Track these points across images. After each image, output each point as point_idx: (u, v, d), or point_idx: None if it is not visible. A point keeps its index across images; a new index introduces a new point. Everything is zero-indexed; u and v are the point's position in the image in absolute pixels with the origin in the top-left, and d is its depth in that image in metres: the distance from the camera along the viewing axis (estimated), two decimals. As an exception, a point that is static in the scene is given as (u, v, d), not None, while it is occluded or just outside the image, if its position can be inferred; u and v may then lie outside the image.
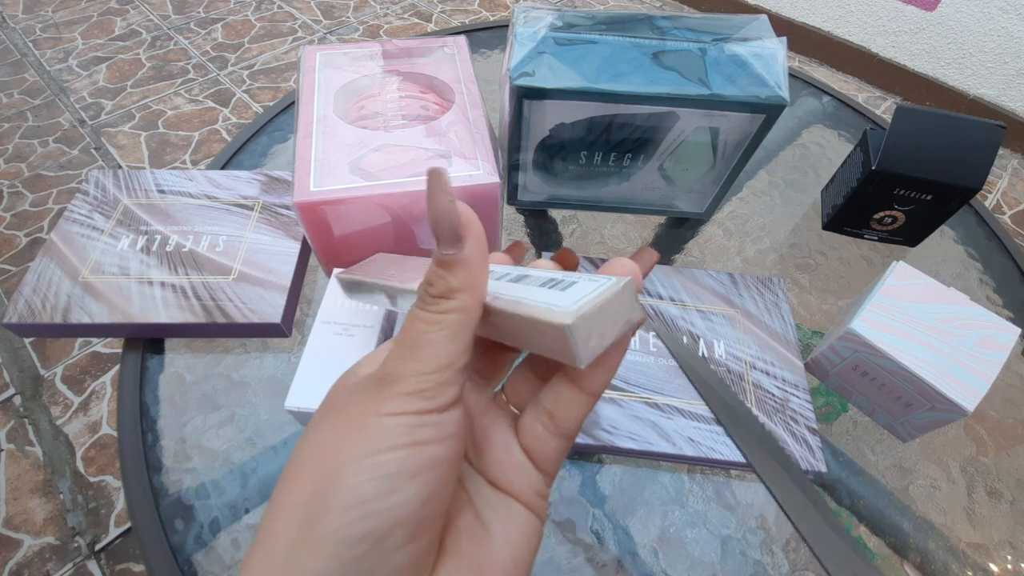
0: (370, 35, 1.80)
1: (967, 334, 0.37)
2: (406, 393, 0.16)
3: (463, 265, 0.17)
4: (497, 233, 0.42)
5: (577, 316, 0.16)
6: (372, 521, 0.15)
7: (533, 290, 0.18)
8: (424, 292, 0.17)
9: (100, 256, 0.42)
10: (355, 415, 0.16)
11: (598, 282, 0.18)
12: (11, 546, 0.85)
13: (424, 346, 0.17)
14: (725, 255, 0.50)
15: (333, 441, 0.16)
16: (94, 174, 0.48)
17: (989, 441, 0.41)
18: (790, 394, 0.39)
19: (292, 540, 0.15)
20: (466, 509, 0.19)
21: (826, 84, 0.68)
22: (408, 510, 0.15)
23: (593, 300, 0.16)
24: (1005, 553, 0.36)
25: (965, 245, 0.53)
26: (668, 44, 0.39)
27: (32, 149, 1.38)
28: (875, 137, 0.47)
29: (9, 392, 1.00)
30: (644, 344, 0.40)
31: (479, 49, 0.68)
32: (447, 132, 0.39)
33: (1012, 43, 1.43)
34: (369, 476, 0.15)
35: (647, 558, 0.34)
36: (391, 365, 0.17)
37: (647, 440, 0.36)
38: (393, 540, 0.15)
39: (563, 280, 0.18)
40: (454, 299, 0.17)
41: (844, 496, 0.38)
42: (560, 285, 0.18)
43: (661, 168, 0.46)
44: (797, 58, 1.85)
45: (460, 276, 0.17)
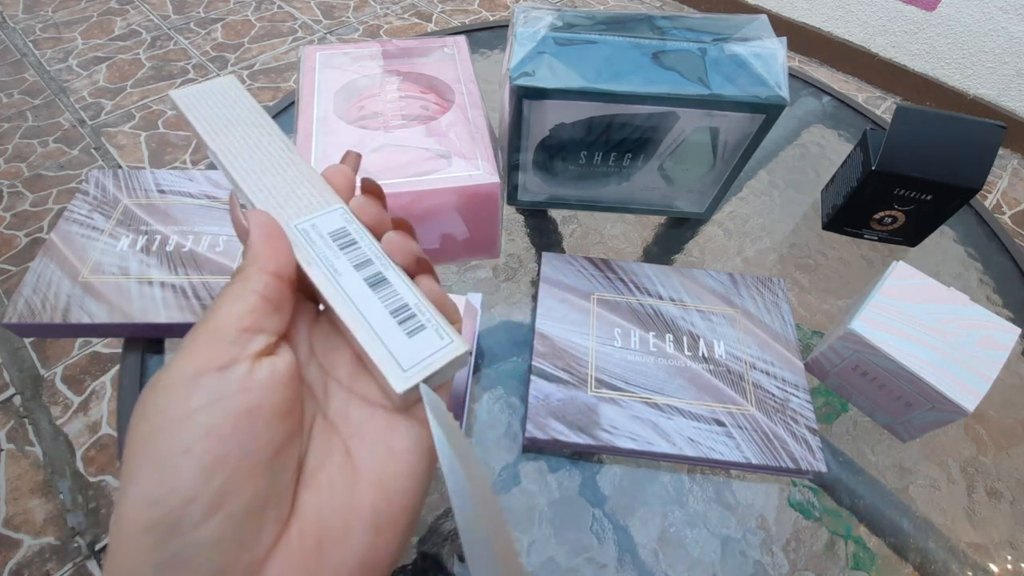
0: (370, 35, 1.80)
1: (967, 334, 0.37)
2: (210, 347, 0.17)
3: (247, 250, 0.20)
4: (497, 233, 0.42)
5: (409, 388, 0.18)
6: (154, 510, 0.15)
7: (381, 314, 0.20)
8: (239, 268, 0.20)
9: (100, 256, 0.42)
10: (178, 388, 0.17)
11: (441, 337, 0.20)
12: (11, 546, 0.85)
13: (216, 306, 0.19)
14: (725, 255, 0.50)
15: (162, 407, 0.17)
16: (94, 174, 0.48)
17: (989, 441, 0.41)
18: (790, 394, 0.39)
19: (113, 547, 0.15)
20: (331, 452, 0.19)
21: (826, 84, 0.68)
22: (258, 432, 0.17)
23: (431, 366, 0.19)
24: (1005, 553, 0.36)
25: (965, 245, 0.53)
26: (668, 44, 0.39)
27: (32, 149, 1.38)
28: (875, 137, 0.47)
29: (9, 392, 1.00)
30: (644, 344, 0.40)
31: (479, 49, 0.68)
32: (447, 132, 0.39)
33: (1012, 43, 1.43)
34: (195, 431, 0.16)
35: (647, 558, 0.34)
36: (206, 318, 0.19)
37: (647, 440, 0.36)
38: (189, 519, 0.15)
39: (414, 316, 0.20)
40: (240, 272, 0.19)
41: (844, 496, 0.38)
42: (409, 324, 0.20)
43: (661, 168, 0.46)
44: (797, 58, 1.85)
45: (247, 258, 0.20)
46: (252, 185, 0.22)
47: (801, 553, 0.35)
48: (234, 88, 0.24)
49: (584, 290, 0.43)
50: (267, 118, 0.24)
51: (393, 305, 0.20)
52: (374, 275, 0.21)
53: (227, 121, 0.23)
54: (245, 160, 0.23)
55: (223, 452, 0.16)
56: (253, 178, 0.22)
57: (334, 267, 0.20)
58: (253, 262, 0.19)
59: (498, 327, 0.44)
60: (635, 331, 0.41)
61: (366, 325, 0.19)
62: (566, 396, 0.38)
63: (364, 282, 0.20)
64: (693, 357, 0.40)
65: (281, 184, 0.22)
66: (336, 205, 0.22)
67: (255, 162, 0.23)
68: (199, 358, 0.17)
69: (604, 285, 0.44)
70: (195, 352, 0.17)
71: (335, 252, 0.21)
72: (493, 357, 0.42)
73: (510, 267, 0.48)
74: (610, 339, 0.41)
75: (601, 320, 0.41)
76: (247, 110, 0.24)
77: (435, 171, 0.37)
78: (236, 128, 0.23)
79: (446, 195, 0.37)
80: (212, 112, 0.24)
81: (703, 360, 0.40)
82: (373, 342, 0.19)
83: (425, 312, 0.20)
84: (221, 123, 0.23)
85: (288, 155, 0.23)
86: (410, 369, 0.19)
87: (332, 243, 0.21)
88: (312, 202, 0.22)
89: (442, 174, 0.37)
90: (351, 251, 0.21)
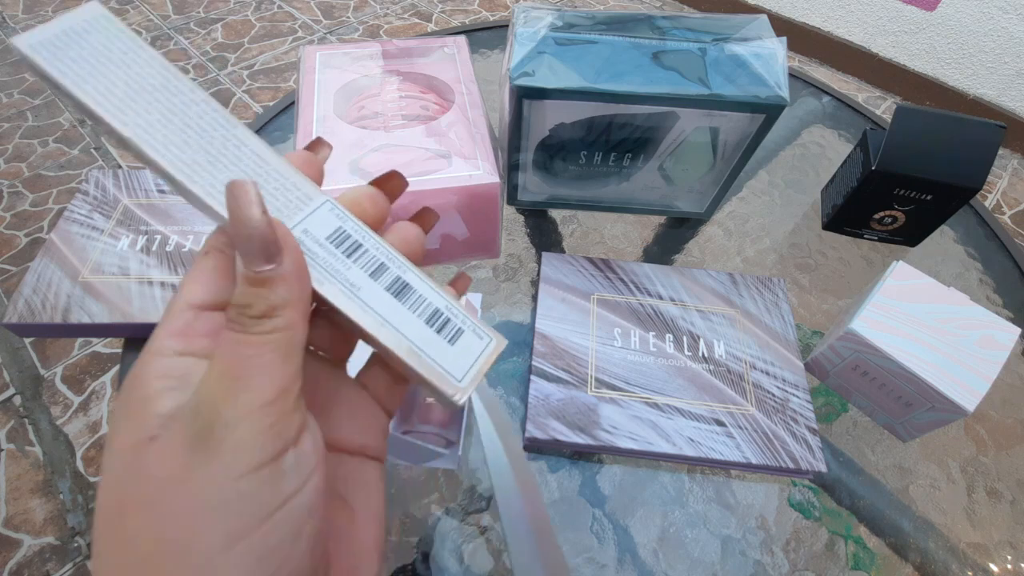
0: (370, 35, 1.80)
1: (967, 334, 0.37)
2: (250, 437, 0.13)
3: (282, 281, 0.15)
4: (497, 233, 0.42)
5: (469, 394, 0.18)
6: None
7: (417, 324, 0.18)
8: (239, 315, 0.14)
9: (100, 256, 0.42)
10: (191, 487, 0.13)
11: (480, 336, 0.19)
12: (11, 546, 0.85)
13: (256, 373, 0.14)
14: (725, 255, 0.50)
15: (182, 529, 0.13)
16: (94, 174, 0.48)
17: (989, 441, 0.41)
18: (790, 394, 0.39)
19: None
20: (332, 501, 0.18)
21: (826, 84, 0.68)
22: (304, 566, 0.14)
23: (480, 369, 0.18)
24: (1005, 553, 0.36)
25: (965, 245, 0.53)
26: (668, 44, 0.39)
27: (32, 149, 1.38)
28: (875, 137, 0.47)
29: (9, 392, 1.00)
30: (644, 344, 0.40)
31: (479, 49, 0.68)
32: (447, 132, 0.39)
33: (1012, 43, 1.43)
34: (253, 558, 0.13)
35: (647, 558, 0.34)
36: (216, 409, 0.13)
37: (647, 440, 0.36)
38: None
39: (449, 320, 0.18)
40: (278, 317, 0.14)
41: (844, 496, 0.38)
42: (447, 330, 0.18)
43: (661, 168, 0.46)
44: (797, 58, 1.85)
45: (280, 292, 0.15)
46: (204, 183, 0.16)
47: (801, 553, 0.35)
48: (112, 27, 0.16)
49: (584, 290, 0.43)
50: (182, 76, 0.17)
51: (426, 313, 0.18)
52: (395, 281, 0.18)
53: (128, 85, 0.16)
54: (181, 146, 0.16)
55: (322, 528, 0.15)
56: (201, 172, 0.16)
57: (350, 281, 0.17)
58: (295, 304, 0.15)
59: (498, 327, 0.44)
60: (635, 331, 0.41)
61: (407, 343, 0.17)
62: (566, 396, 0.38)
63: (387, 292, 0.18)
64: (693, 357, 0.40)
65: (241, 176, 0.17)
66: (320, 199, 0.18)
67: (195, 147, 0.16)
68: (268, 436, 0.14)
69: (604, 285, 0.44)
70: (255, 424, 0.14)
71: (343, 261, 0.17)
72: (493, 357, 0.42)
73: (510, 267, 0.48)
74: (610, 339, 0.41)
75: (601, 320, 0.41)
76: (150, 64, 0.16)
77: (435, 171, 0.37)
78: (148, 95, 0.16)
79: (446, 195, 0.37)
80: (99, 71, 0.16)
81: (703, 360, 0.40)
82: (420, 360, 0.17)
83: (457, 313, 0.18)
84: (122, 89, 0.16)
85: (234, 131, 0.17)
86: (464, 378, 0.18)
87: (335, 250, 0.17)
88: (291, 198, 0.17)
89: (442, 174, 0.37)
90: (360, 256, 0.18)
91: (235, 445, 0.13)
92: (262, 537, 0.13)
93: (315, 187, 0.18)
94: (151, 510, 0.13)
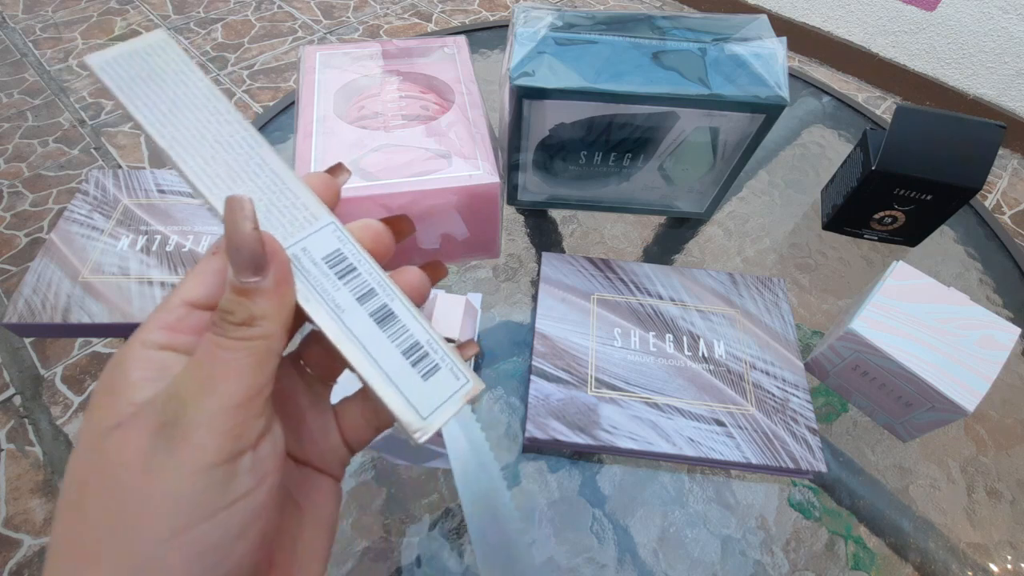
0: (370, 35, 1.80)
1: (967, 334, 0.37)
2: (211, 437, 0.14)
3: (265, 294, 0.16)
4: (497, 233, 0.42)
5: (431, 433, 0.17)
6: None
7: (393, 354, 0.18)
8: (221, 320, 0.15)
9: (100, 256, 0.42)
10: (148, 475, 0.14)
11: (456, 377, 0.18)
12: (11, 546, 0.85)
13: (227, 377, 0.15)
14: (725, 255, 0.50)
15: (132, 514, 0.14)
16: (94, 174, 0.48)
17: (989, 441, 0.41)
18: (790, 394, 0.39)
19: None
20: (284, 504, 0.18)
21: (826, 84, 0.68)
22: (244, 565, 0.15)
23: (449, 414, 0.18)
24: (1005, 553, 0.36)
25: (965, 245, 0.53)
26: (668, 44, 0.39)
27: (32, 149, 1.38)
28: (875, 137, 0.47)
29: (9, 392, 1.00)
30: (644, 344, 0.40)
31: (479, 49, 0.68)
32: (447, 132, 0.39)
33: (1012, 43, 1.43)
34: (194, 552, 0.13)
35: (647, 558, 0.34)
36: (183, 405, 0.14)
37: (647, 440, 0.36)
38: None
39: (427, 355, 0.18)
40: (257, 326, 0.15)
41: (844, 496, 0.38)
42: (423, 365, 0.18)
43: (661, 168, 0.46)
44: (797, 58, 1.85)
45: (261, 304, 0.16)
46: (220, 194, 0.18)
47: (801, 553, 0.35)
48: (172, 52, 0.19)
49: (584, 290, 0.43)
50: (223, 98, 0.19)
51: (404, 344, 0.18)
52: (380, 309, 0.18)
53: (174, 102, 0.18)
54: (208, 161, 0.18)
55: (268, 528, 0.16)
56: (221, 186, 0.18)
57: (336, 302, 0.18)
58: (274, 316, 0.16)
59: (498, 327, 0.44)
60: (635, 331, 0.41)
61: (378, 371, 0.17)
62: (566, 396, 0.38)
63: (370, 318, 0.18)
64: (693, 357, 0.40)
65: (256, 192, 0.18)
66: (326, 220, 0.19)
67: (221, 163, 0.18)
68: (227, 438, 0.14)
69: (604, 285, 0.44)
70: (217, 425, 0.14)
71: (333, 282, 0.18)
72: (493, 357, 0.42)
73: (510, 267, 0.48)
74: (610, 339, 0.41)
75: (601, 320, 0.41)
76: (196, 86, 0.19)
77: (435, 171, 0.37)
78: (188, 113, 0.18)
79: (446, 195, 0.37)
80: (151, 88, 0.18)
81: (703, 360, 0.40)
82: (388, 389, 0.17)
83: (437, 348, 0.18)
84: (167, 105, 0.18)
85: (259, 151, 0.19)
86: (429, 416, 0.17)
87: (328, 271, 0.18)
88: (297, 216, 0.18)
89: (442, 174, 0.37)
90: (351, 280, 0.18)
91: (195, 442, 0.14)
92: (206, 533, 0.14)
93: (324, 209, 0.19)
94: (106, 493, 0.14)
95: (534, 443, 0.37)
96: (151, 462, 0.14)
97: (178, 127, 0.18)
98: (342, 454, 0.20)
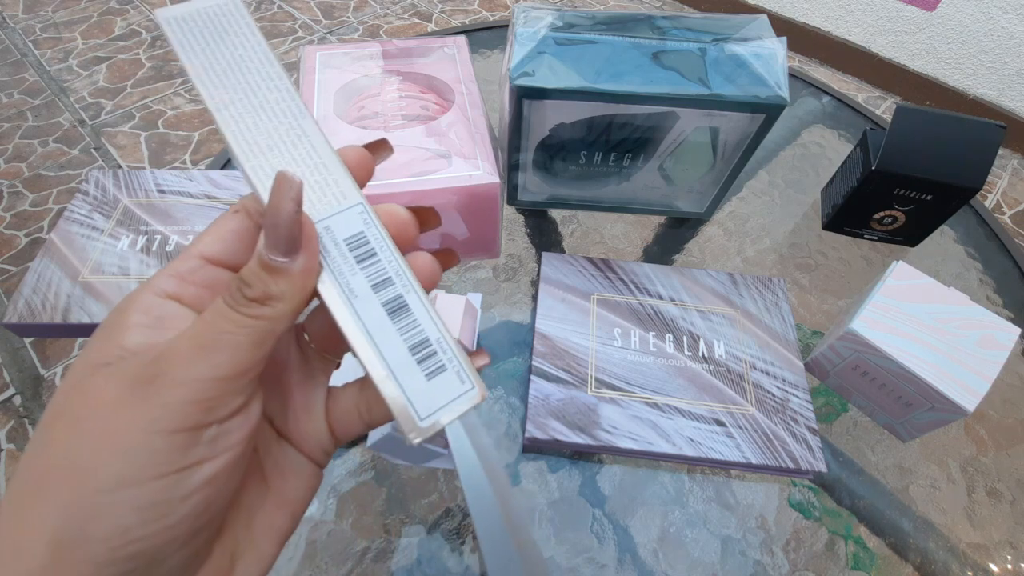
0: (370, 35, 1.80)
1: (967, 334, 0.37)
2: (184, 402, 0.14)
3: (289, 276, 0.16)
4: (497, 233, 0.42)
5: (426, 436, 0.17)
6: (138, 545, 0.14)
7: (399, 350, 0.17)
8: (237, 291, 0.15)
9: (100, 256, 0.42)
10: (113, 422, 0.14)
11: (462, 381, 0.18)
12: (11, 546, 0.84)
13: (223, 349, 0.15)
14: (725, 255, 0.50)
15: (88, 455, 0.14)
16: (94, 174, 0.48)
17: (989, 441, 0.41)
18: (790, 394, 0.39)
19: (43, 565, 0.13)
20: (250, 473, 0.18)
21: (826, 84, 0.68)
22: (180, 529, 0.14)
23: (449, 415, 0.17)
24: (1005, 553, 0.36)
25: (965, 245, 0.53)
26: (668, 44, 0.39)
27: (32, 149, 1.38)
28: (875, 137, 0.47)
29: (9, 392, 1.00)
30: (644, 344, 0.40)
31: (479, 49, 0.68)
32: (447, 132, 0.39)
33: (1012, 43, 1.43)
34: (128, 506, 0.14)
35: (647, 558, 0.34)
36: (174, 363, 0.14)
37: (647, 440, 0.36)
38: (164, 555, 0.14)
39: (435, 354, 0.18)
40: (269, 306, 0.15)
41: (844, 496, 0.38)
42: (429, 363, 0.18)
43: (661, 168, 0.46)
44: (797, 58, 1.85)
45: (282, 285, 0.16)
46: (256, 164, 0.17)
47: (801, 553, 0.35)
48: (238, 13, 0.19)
49: (584, 290, 0.43)
50: (276, 64, 0.19)
51: (413, 339, 0.17)
52: (394, 299, 0.18)
53: (230, 64, 0.18)
54: (250, 126, 0.18)
55: (214, 499, 0.15)
56: (257, 153, 0.18)
57: (350, 287, 0.17)
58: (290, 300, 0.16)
59: (498, 327, 0.44)
60: (635, 331, 0.41)
61: (381, 363, 0.17)
62: (566, 396, 0.38)
63: (383, 308, 0.17)
64: (693, 357, 0.40)
65: (290, 163, 0.18)
66: (355, 199, 0.18)
67: (262, 130, 0.18)
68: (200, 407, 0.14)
69: (604, 285, 0.44)
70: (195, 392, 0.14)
71: (351, 265, 0.17)
72: (493, 357, 0.42)
73: (510, 267, 0.48)
74: (610, 339, 0.41)
75: (601, 320, 0.41)
76: (254, 49, 0.18)
77: (435, 171, 0.37)
78: (240, 76, 0.18)
79: (446, 195, 0.37)
80: (211, 48, 0.18)
81: (703, 360, 0.40)
82: (388, 383, 0.17)
83: (447, 348, 0.18)
84: (222, 66, 0.18)
85: (300, 122, 0.18)
86: (427, 419, 0.17)
87: (348, 253, 0.18)
88: (327, 193, 0.18)
89: (442, 174, 0.37)
90: (369, 265, 0.18)
91: (163, 402, 0.14)
92: (149, 491, 0.14)
93: (355, 188, 0.18)
94: (69, 432, 0.14)
95: (534, 443, 0.37)
96: (118, 412, 0.14)
97: (228, 88, 0.18)
98: (324, 439, 0.19)
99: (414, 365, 0.17)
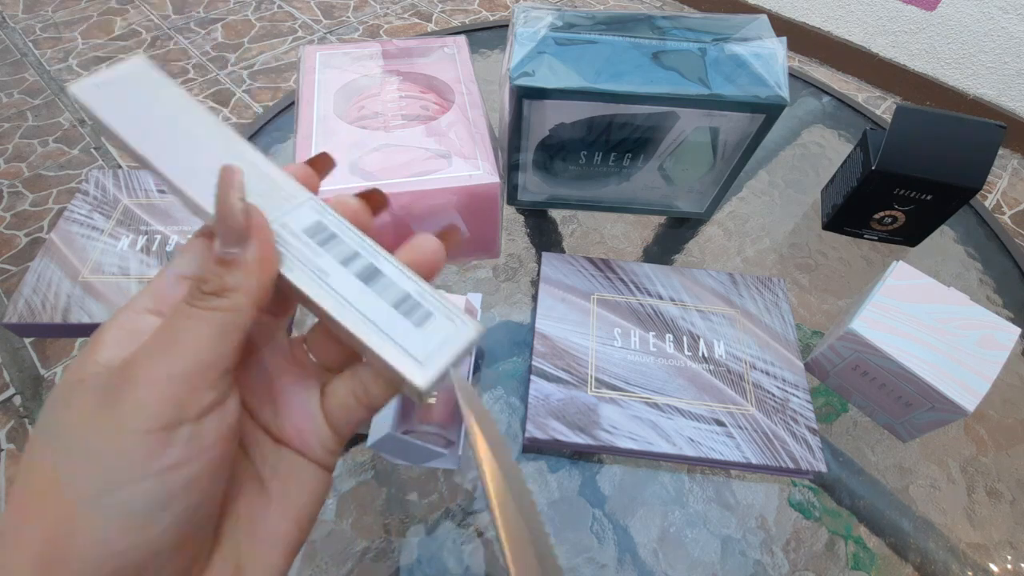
0: (370, 35, 1.80)
1: (967, 334, 0.37)
2: (152, 401, 0.14)
3: (242, 266, 0.16)
4: (497, 233, 0.42)
5: (433, 380, 0.17)
6: (123, 559, 0.14)
7: (383, 307, 0.18)
8: (195, 288, 0.16)
9: (100, 256, 0.42)
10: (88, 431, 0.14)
11: (452, 320, 0.18)
12: (11, 546, 0.84)
13: (185, 343, 0.15)
14: (725, 255, 0.50)
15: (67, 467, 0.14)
16: (94, 174, 0.48)
17: (989, 441, 0.41)
18: (790, 394, 0.39)
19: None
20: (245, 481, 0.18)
21: (826, 84, 0.68)
22: (164, 541, 0.14)
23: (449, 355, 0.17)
24: (1005, 553, 0.36)
25: (965, 245, 0.53)
26: (668, 44, 0.39)
27: (32, 149, 1.38)
28: (875, 137, 0.47)
29: (9, 392, 1.00)
30: (644, 344, 0.40)
31: (479, 49, 0.68)
32: (447, 132, 0.39)
33: (1012, 43, 1.43)
34: (108, 516, 0.13)
35: (647, 558, 0.34)
36: (140, 365, 0.14)
37: (647, 440, 0.36)
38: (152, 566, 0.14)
39: (419, 304, 0.18)
40: (226, 298, 0.16)
41: (844, 496, 0.38)
42: (415, 314, 0.18)
43: (661, 168, 0.46)
44: (797, 58, 1.85)
45: (236, 276, 0.16)
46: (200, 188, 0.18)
47: (801, 553, 0.35)
48: (149, 71, 0.20)
49: (584, 290, 0.43)
50: (199, 105, 0.20)
51: (394, 297, 0.18)
52: (365, 268, 0.18)
53: (152, 116, 0.19)
54: (189, 162, 0.19)
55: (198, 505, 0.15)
56: (201, 180, 0.18)
57: (319, 267, 0.18)
58: (247, 291, 0.16)
59: (498, 327, 0.44)
60: (635, 331, 0.41)
61: (368, 324, 0.17)
62: (566, 396, 0.38)
63: (356, 278, 0.18)
64: (693, 357, 0.40)
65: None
66: (303, 197, 0.19)
67: (200, 162, 0.19)
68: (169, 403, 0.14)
69: (604, 285, 0.44)
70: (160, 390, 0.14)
71: (315, 250, 0.18)
72: (493, 357, 0.42)
73: (510, 267, 0.48)
74: (610, 339, 0.41)
75: (601, 320, 0.41)
76: (173, 97, 0.20)
77: (435, 171, 0.37)
78: (165, 124, 0.19)
79: (446, 195, 0.37)
80: (131, 107, 0.19)
81: (703, 360, 0.40)
82: (379, 339, 0.17)
83: (428, 298, 0.18)
84: (145, 119, 0.19)
85: (236, 146, 0.20)
86: (427, 361, 0.17)
87: (310, 240, 0.18)
88: (275, 198, 0.19)
89: (442, 174, 0.37)
90: (333, 246, 0.18)
91: (132, 404, 0.14)
92: (129, 498, 0.14)
93: (301, 188, 0.19)
94: (53, 446, 0.14)
95: (534, 443, 0.37)
96: (92, 421, 0.14)
97: (159, 136, 0.19)
98: (325, 437, 0.19)
99: (401, 318, 0.18)
